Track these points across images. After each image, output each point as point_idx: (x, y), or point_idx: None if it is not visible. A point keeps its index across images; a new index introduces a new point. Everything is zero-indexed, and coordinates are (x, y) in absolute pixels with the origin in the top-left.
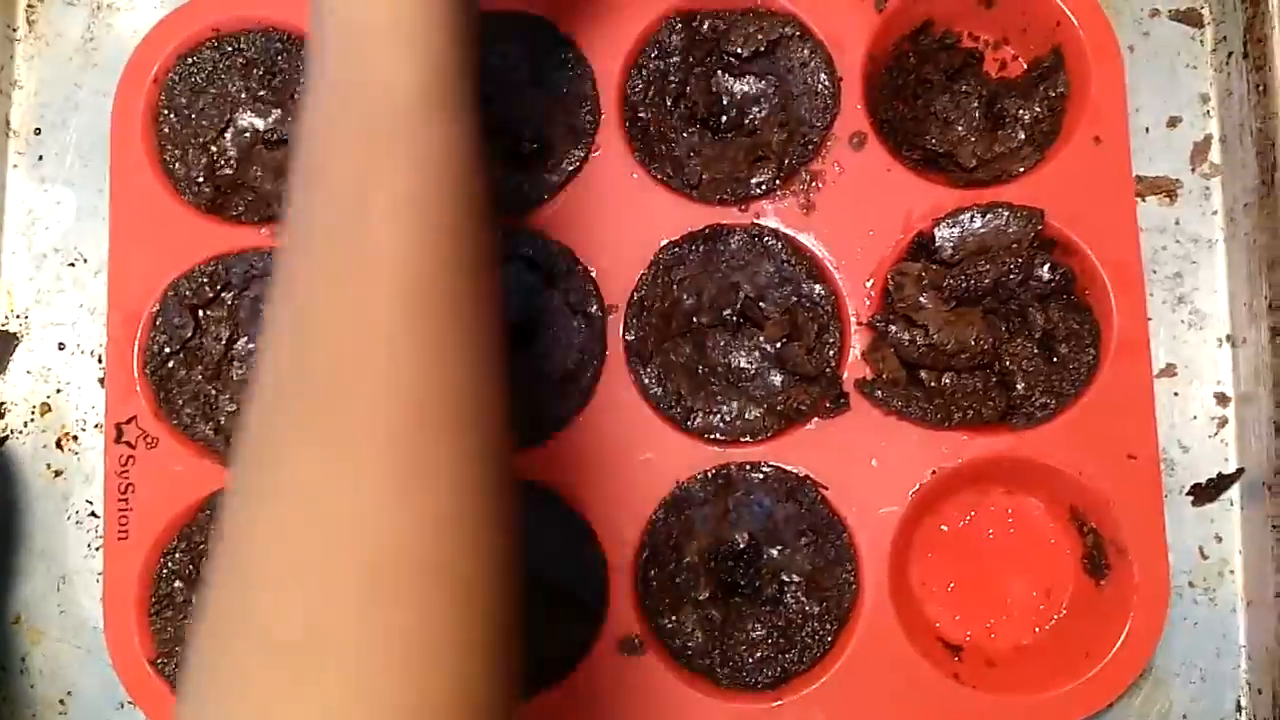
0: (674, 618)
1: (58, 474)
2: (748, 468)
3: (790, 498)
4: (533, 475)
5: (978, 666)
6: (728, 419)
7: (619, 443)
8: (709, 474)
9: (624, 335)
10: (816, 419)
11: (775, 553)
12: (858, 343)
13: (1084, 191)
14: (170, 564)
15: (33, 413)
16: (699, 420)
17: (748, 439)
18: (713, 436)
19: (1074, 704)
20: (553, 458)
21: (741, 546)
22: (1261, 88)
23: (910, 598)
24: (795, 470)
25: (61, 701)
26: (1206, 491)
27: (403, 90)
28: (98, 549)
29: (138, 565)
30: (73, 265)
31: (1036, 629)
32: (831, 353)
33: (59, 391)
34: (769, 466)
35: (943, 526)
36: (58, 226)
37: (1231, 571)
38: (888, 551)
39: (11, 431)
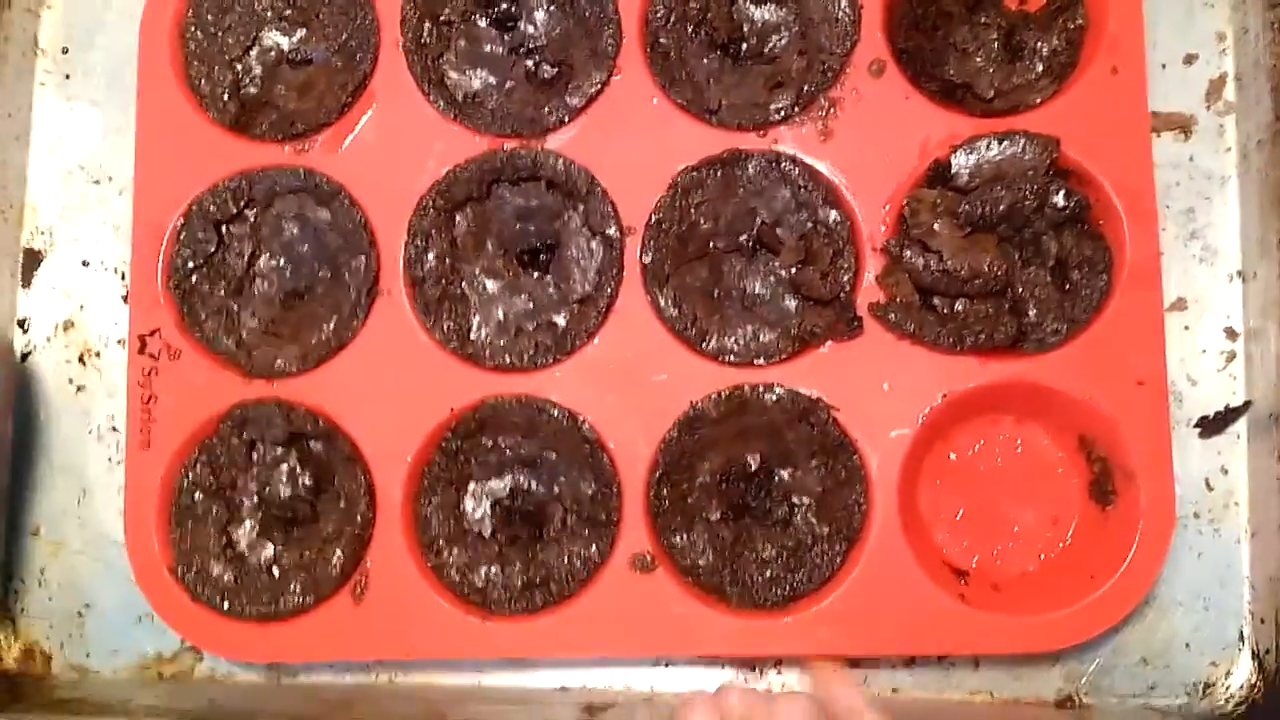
0: (685, 536)
1: (79, 389)
2: (761, 389)
3: (803, 419)
4: (550, 394)
5: (983, 590)
6: (742, 342)
7: (634, 363)
8: (723, 394)
9: (641, 257)
10: (830, 342)
11: (786, 474)
12: (872, 268)
13: (1100, 122)
14: (191, 475)
15: (55, 329)
16: (713, 342)
17: (761, 361)
18: (727, 359)
19: (1078, 627)
20: (568, 377)
21: (754, 468)
22: (1277, 25)
23: (918, 521)
24: (808, 393)
25: (79, 614)
26: (1214, 424)
27: None
28: (118, 463)
29: (159, 475)
30: (97, 183)
31: (1042, 555)
32: (846, 277)
33: (82, 308)
34: (782, 388)
35: (951, 455)
36: (84, 144)
37: (1237, 503)
38: (898, 473)
39: (35, 346)
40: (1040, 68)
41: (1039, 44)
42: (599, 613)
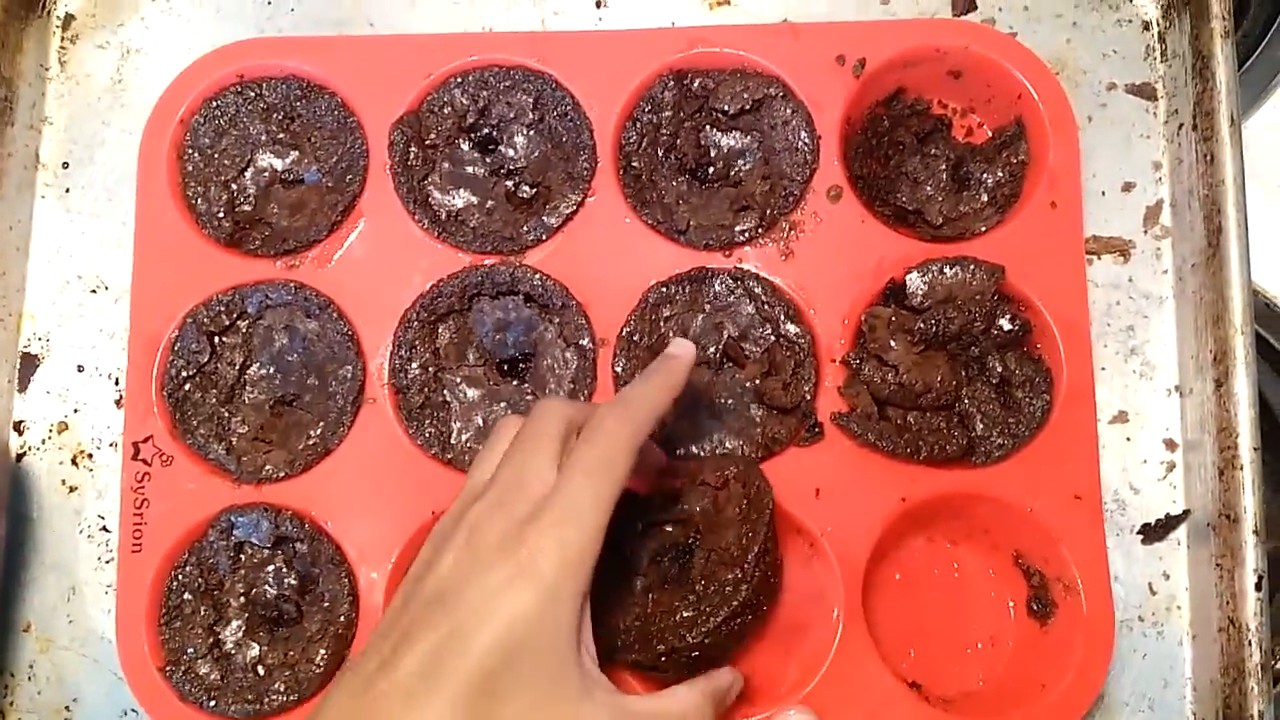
0: (621, 618)
1: (72, 489)
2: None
3: (733, 481)
4: None
5: (938, 702)
6: (708, 448)
7: None
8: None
9: (613, 367)
10: (793, 448)
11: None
12: (831, 379)
13: (1039, 252)
14: (180, 577)
15: (50, 431)
16: (680, 449)
17: None
18: None
19: None
20: None
21: (680, 535)
22: (1209, 157)
23: (878, 629)
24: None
25: (66, 708)
26: (1155, 531)
27: None
28: (108, 562)
29: (149, 578)
30: (94, 292)
31: (982, 676)
32: (807, 388)
33: (76, 411)
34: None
35: (897, 575)
36: (81, 255)
37: (1179, 607)
38: (861, 573)
39: (29, 448)
40: (985, 198)
41: (984, 175)
42: None
